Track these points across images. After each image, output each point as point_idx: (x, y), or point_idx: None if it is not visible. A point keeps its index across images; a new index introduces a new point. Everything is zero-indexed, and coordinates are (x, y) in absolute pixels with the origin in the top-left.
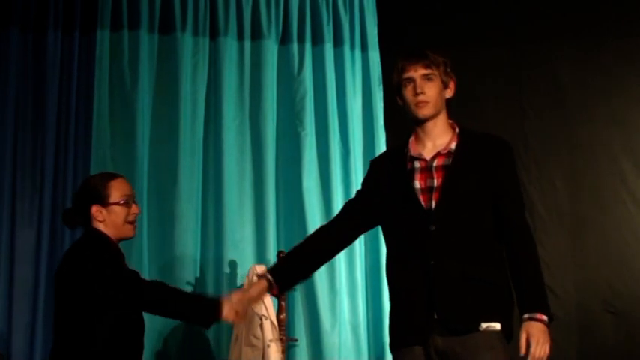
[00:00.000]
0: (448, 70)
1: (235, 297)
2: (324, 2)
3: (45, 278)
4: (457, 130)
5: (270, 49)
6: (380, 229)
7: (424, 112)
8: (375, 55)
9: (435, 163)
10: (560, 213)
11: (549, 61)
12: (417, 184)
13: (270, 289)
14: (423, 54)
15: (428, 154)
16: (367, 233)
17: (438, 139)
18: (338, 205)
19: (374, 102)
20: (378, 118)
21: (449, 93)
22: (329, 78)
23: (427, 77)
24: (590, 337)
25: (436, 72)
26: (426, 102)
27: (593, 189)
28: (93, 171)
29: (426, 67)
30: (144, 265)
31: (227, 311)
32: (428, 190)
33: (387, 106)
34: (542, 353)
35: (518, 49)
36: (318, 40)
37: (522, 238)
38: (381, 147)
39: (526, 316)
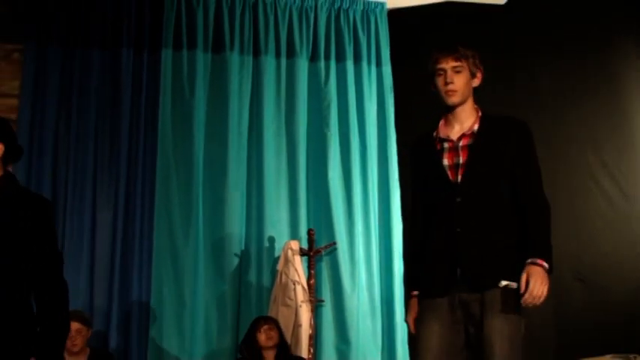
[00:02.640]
0: (477, 62)
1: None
2: (346, 26)
3: (120, 253)
4: (480, 113)
5: (302, 65)
6: (391, 213)
7: (452, 99)
8: (387, 70)
9: (460, 143)
10: None
11: (531, 70)
12: (445, 162)
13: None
14: (454, 48)
15: (454, 136)
16: (380, 218)
17: (464, 122)
18: (357, 192)
19: (387, 107)
20: (390, 121)
21: (476, 82)
22: (350, 88)
23: (456, 69)
24: (563, 301)
25: (465, 64)
26: (455, 91)
27: (565, 179)
28: (159, 166)
29: (456, 60)
30: (199, 240)
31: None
32: (454, 167)
33: (397, 111)
34: (539, 292)
35: (509, 60)
36: (341, 58)
37: (536, 204)
38: (393, 144)
39: (529, 260)
